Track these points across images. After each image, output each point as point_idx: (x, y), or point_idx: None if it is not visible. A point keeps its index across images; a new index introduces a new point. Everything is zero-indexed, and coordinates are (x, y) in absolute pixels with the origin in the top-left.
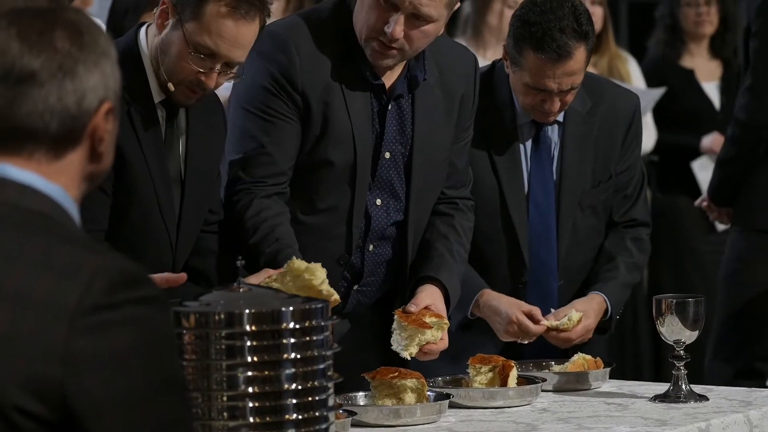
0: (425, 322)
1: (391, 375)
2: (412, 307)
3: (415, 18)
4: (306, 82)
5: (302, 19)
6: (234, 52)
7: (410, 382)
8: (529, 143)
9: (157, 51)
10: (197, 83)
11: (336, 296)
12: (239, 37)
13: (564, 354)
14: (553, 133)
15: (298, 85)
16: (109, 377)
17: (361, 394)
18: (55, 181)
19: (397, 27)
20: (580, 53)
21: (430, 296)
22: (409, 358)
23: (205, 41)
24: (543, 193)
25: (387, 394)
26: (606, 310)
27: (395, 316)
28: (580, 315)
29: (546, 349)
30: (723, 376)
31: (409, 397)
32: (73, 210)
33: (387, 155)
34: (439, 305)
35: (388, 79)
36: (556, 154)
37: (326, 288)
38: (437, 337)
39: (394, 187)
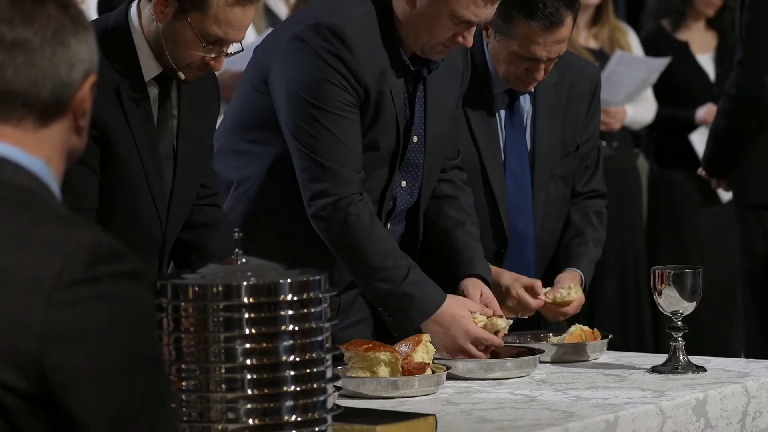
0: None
1: (365, 347)
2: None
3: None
4: (366, 74)
5: (346, 10)
6: (241, 35)
7: (384, 355)
8: (503, 113)
9: (159, 37)
10: (205, 66)
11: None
12: (246, 21)
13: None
14: (525, 102)
15: (362, 78)
16: (86, 351)
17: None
18: (37, 153)
19: (470, 38)
20: (569, 20)
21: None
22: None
23: (214, 31)
24: (518, 163)
25: (360, 366)
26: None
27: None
28: (579, 289)
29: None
30: None
31: (383, 371)
32: (54, 184)
33: (415, 139)
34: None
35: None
36: (528, 124)
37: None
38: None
39: (417, 169)
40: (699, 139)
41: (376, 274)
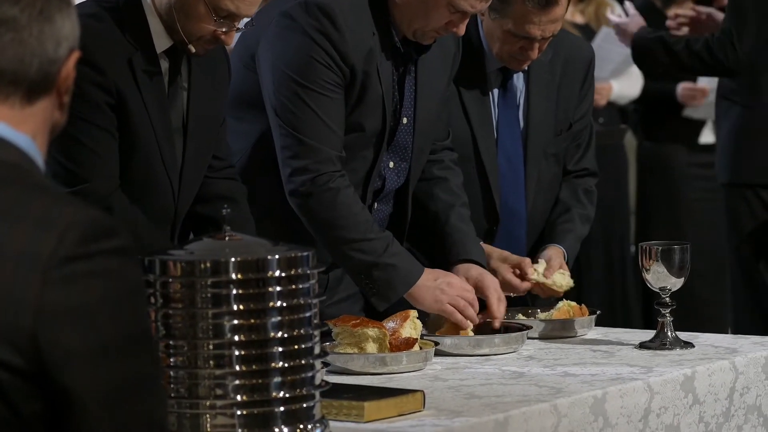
0: None
1: (353, 323)
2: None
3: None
4: (354, 54)
5: None
6: (252, 11)
7: (371, 331)
8: (496, 91)
9: (170, 10)
10: (216, 40)
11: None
12: None
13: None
14: (518, 80)
15: (349, 58)
16: (80, 328)
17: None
18: (23, 129)
19: (462, 27)
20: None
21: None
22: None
23: (226, 5)
24: (511, 140)
25: (348, 342)
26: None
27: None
28: (570, 279)
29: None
30: None
31: (371, 347)
32: (40, 159)
33: (404, 120)
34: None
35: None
36: (521, 102)
37: None
38: None
39: (406, 150)
40: (694, 112)
41: (358, 246)
